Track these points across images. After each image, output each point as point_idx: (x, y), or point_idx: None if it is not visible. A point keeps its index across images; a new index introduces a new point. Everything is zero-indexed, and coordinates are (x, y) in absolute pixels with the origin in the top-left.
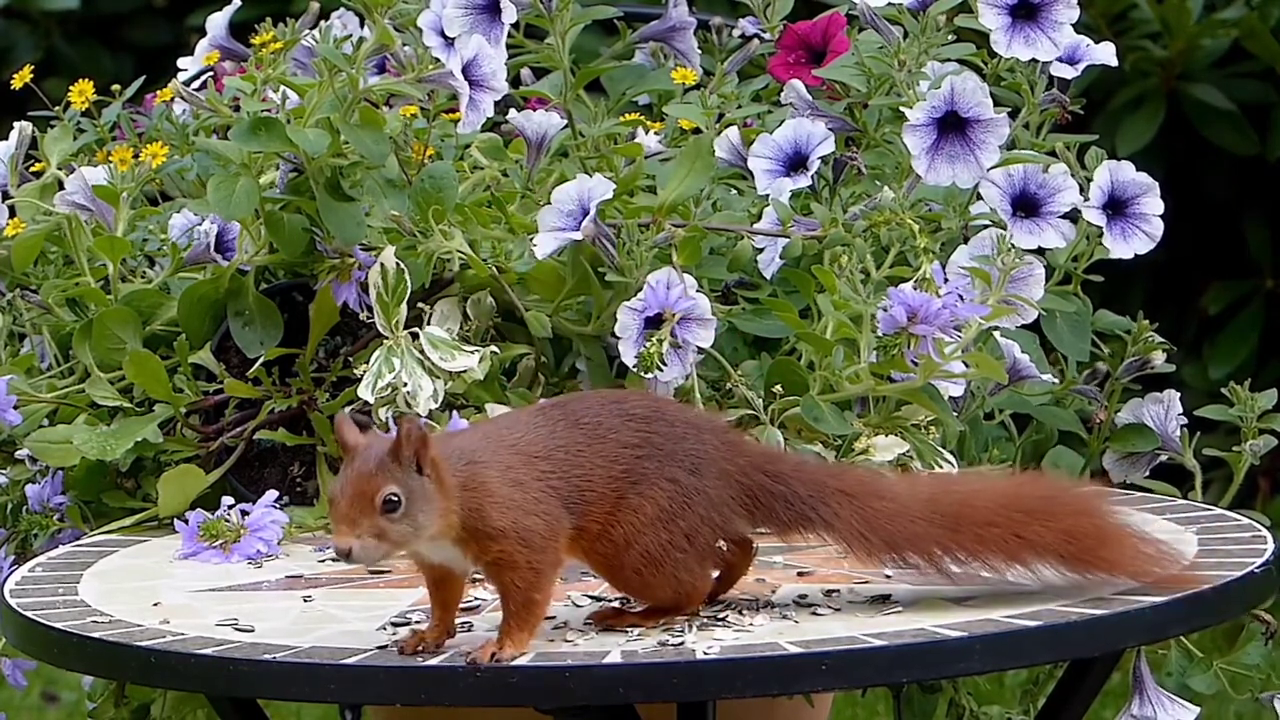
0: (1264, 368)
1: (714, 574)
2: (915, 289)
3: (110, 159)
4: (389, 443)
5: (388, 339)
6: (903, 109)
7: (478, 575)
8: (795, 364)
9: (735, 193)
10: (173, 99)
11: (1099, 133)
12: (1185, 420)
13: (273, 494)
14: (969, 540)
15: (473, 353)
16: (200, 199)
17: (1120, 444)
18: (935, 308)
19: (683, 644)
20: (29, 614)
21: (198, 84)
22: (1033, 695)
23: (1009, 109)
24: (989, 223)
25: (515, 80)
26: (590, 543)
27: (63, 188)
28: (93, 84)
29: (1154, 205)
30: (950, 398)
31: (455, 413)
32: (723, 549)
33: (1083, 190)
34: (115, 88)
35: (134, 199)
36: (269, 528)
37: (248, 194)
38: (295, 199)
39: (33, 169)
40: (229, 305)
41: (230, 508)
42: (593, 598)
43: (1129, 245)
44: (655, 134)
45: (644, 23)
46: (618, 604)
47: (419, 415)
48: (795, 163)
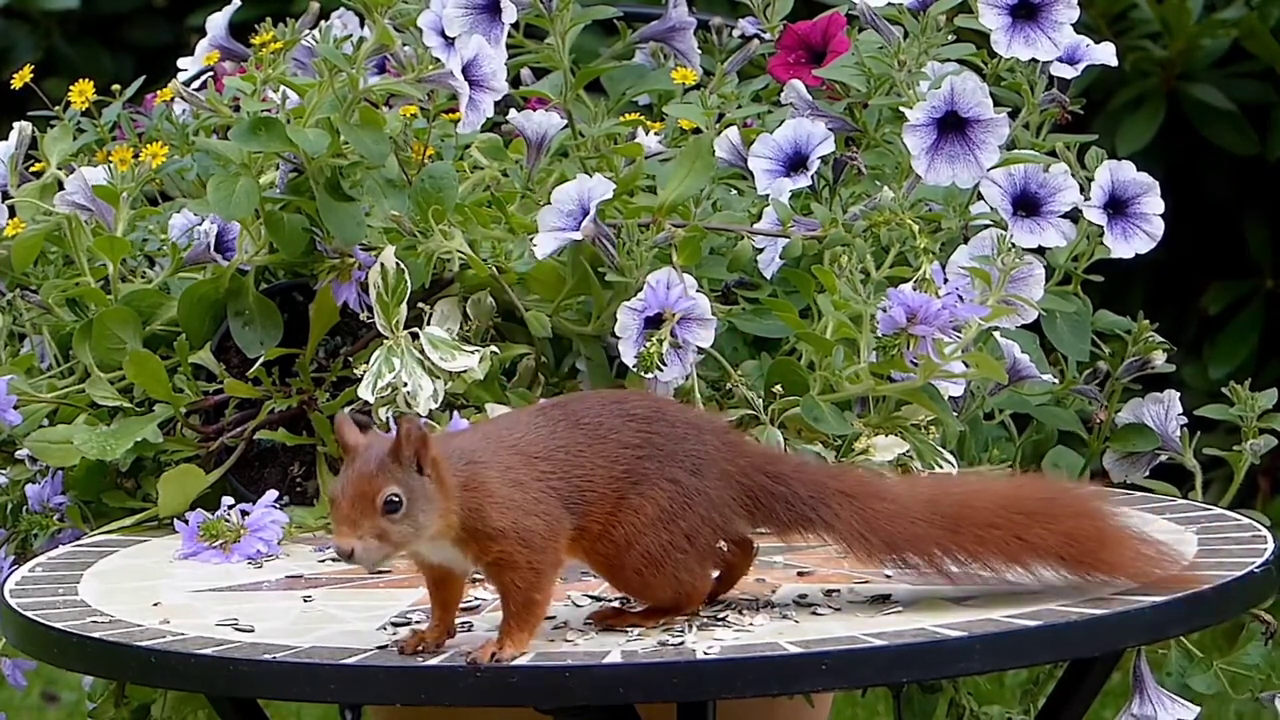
0: (1264, 368)
1: (714, 574)
2: (915, 289)
3: (110, 159)
4: (389, 443)
5: (388, 339)
6: (903, 109)
7: (478, 575)
8: (795, 364)
9: (735, 193)
10: (173, 99)
11: (1099, 133)
12: (1185, 420)
13: (273, 494)
14: (969, 541)
15: (473, 353)
16: (200, 199)
17: (1120, 444)
18: (935, 308)
19: (683, 644)
20: (29, 614)
21: (198, 84)
22: (1033, 695)
23: (1009, 109)
24: (989, 223)
25: (515, 80)
26: (591, 543)
27: (63, 188)
28: (93, 84)
29: (1154, 205)
30: (950, 398)
31: (455, 413)
32: (723, 549)
33: (1083, 190)
34: (115, 88)
35: (134, 199)
36: (269, 528)
37: (248, 194)
38: (295, 199)
39: (33, 169)
40: (229, 305)
41: (230, 508)
42: (593, 598)
43: (1129, 245)
44: (655, 134)
45: (644, 23)
46: (618, 604)
47: (419, 415)
48: (795, 163)
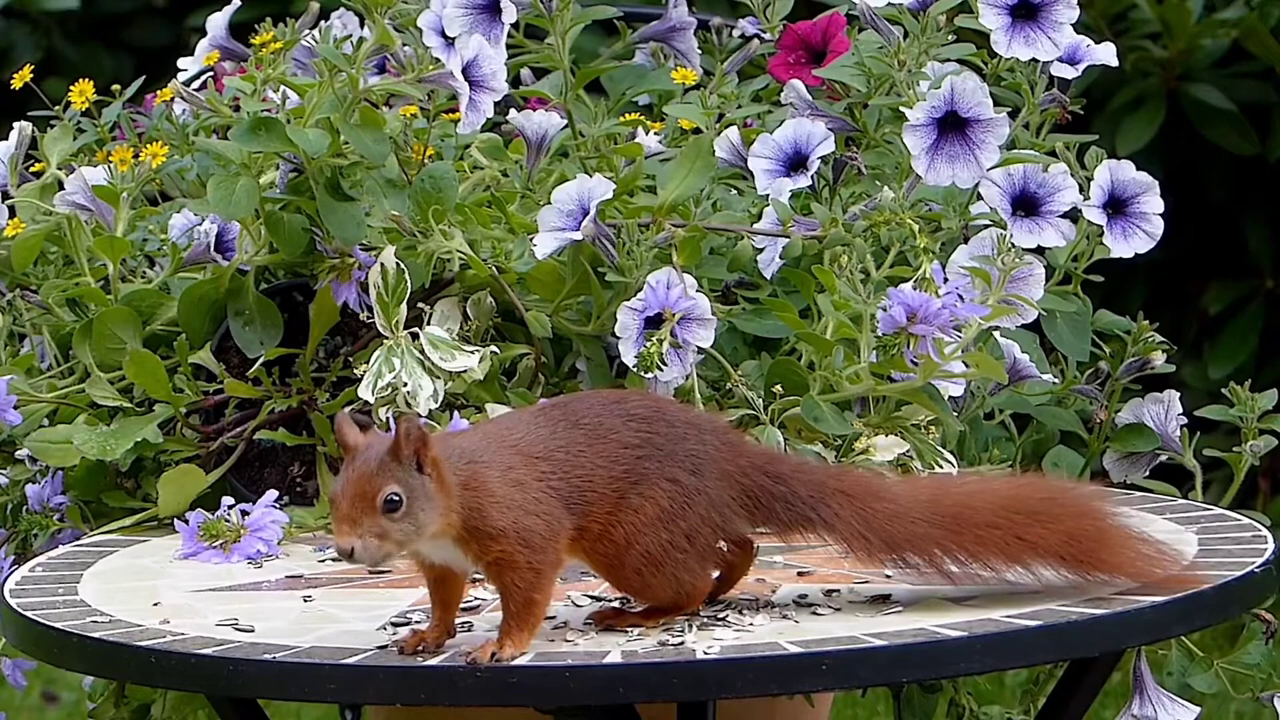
0: (1264, 368)
1: (714, 574)
2: (915, 289)
3: (110, 159)
4: (389, 442)
5: (388, 339)
6: (903, 109)
7: (478, 575)
8: (795, 364)
9: (735, 193)
10: (173, 99)
11: (1099, 133)
12: (1185, 420)
13: (273, 494)
14: (970, 542)
15: (473, 353)
16: (200, 199)
17: (1120, 444)
18: (935, 308)
19: (683, 644)
20: (29, 614)
21: (198, 84)
22: (1033, 695)
23: (1009, 109)
24: (989, 223)
25: (515, 80)
26: (591, 543)
27: (63, 188)
28: (93, 84)
29: (1154, 204)
30: (950, 398)
31: (455, 413)
32: (723, 549)
33: (1083, 189)
34: (115, 88)
35: (134, 199)
36: (269, 528)
37: (248, 194)
38: (295, 199)
39: (33, 169)
40: (229, 305)
41: (230, 508)
42: (593, 598)
43: (1129, 244)
44: (655, 134)
45: (644, 23)
46: (618, 604)
47: (419, 415)
48: (795, 163)
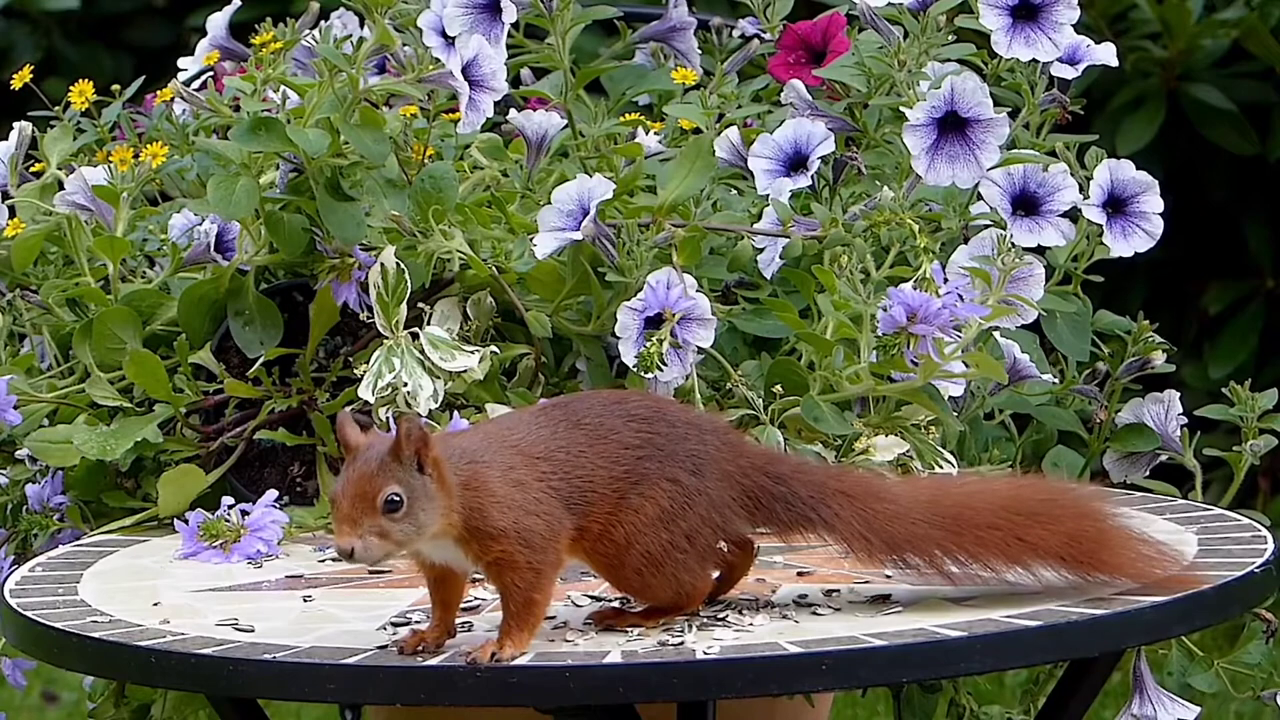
0: (1264, 368)
1: (714, 574)
2: (915, 289)
3: (110, 159)
4: (390, 442)
5: (388, 339)
6: (903, 109)
7: (478, 575)
8: (795, 364)
9: (735, 193)
10: (173, 99)
11: (1099, 133)
12: (1185, 420)
13: (273, 494)
14: (970, 542)
15: (473, 353)
16: (200, 199)
17: (1120, 444)
18: (935, 308)
19: (683, 644)
20: (29, 614)
21: (198, 84)
22: (1033, 695)
23: (1009, 109)
24: (989, 223)
25: (515, 80)
26: (591, 543)
27: (63, 188)
28: (93, 84)
29: (1154, 203)
30: (950, 398)
31: (455, 413)
32: (723, 549)
33: (1083, 189)
34: (115, 88)
35: (134, 199)
36: (269, 528)
37: (248, 194)
38: (295, 199)
39: (33, 169)
40: (229, 305)
41: (230, 508)
42: (593, 598)
43: (1129, 244)
44: (655, 134)
45: (644, 23)
46: (618, 604)
47: (419, 415)
48: (795, 163)
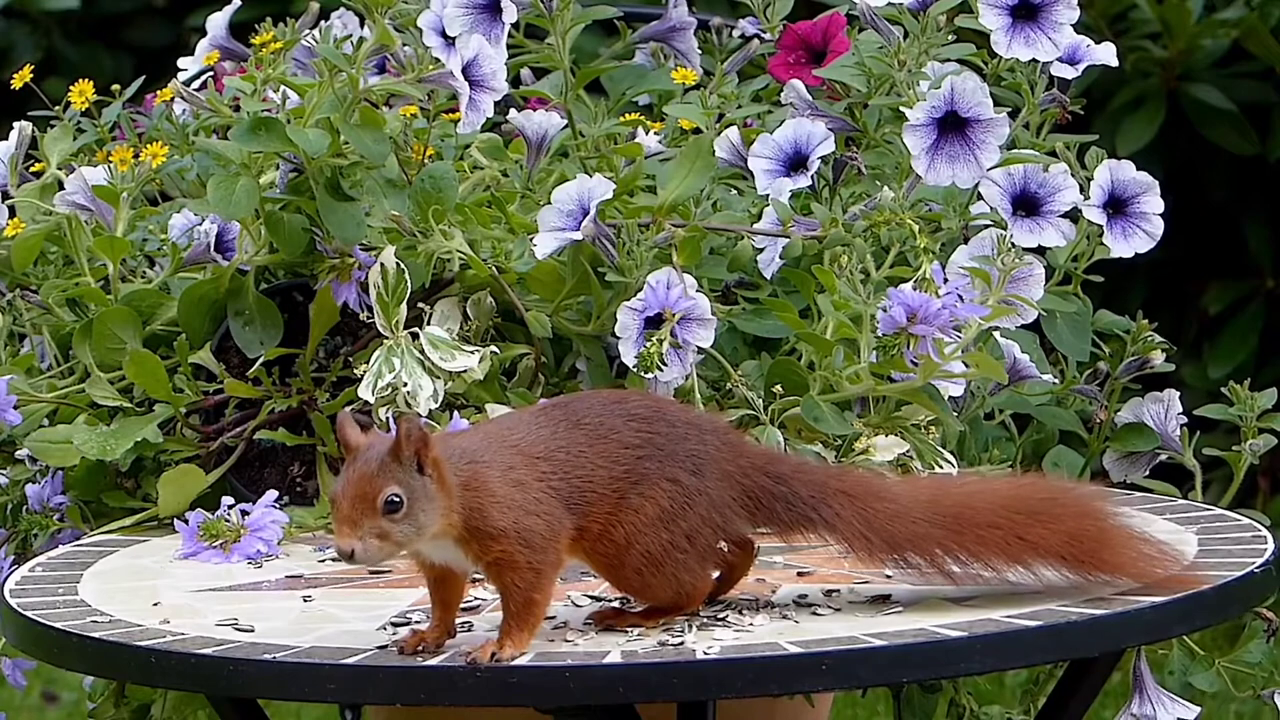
0: (1264, 368)
1: (714, 574)
2: (915, 289)
3: (110, 159)
4: (390, 443)
5: (388, 339)
6: (903, 109)
7: (478, 575)
8: (795, 364)
9: (735, 193)
10: (173, 99)
11: (1099, 133)
12: (1185, 420)
13: (273, 494)
14: (971, 542)
15: (473, 353)
16: (200, 199)
17: (1120, 444)
18: (935, 308)
19: (683, 644)
20: (29, 614)
21: (198, 84)
22: (1033, 695)
23: (1009, 109)
24: (989, 223)
25: (515, 80)
26: (591, 543)
27: (63, 188)
28: (93, 84)
29: (1154, 204)
30: (950, 398)
31: (455, 413)
32: (723, 549)
33: (1083, 189)
34: (115, 88)
35: (134, 199)
36: (269, 528)
37: (248, 194)
38: (295, 199)
39: (33, 169)
40: (229, 305)
41: (230, 508)
42: (593, 598)
43: (1129, 244)
44: (655, 134)
45: (644, 23)
46: (618, 604)
47: (419, 415)
48: (795, 163)
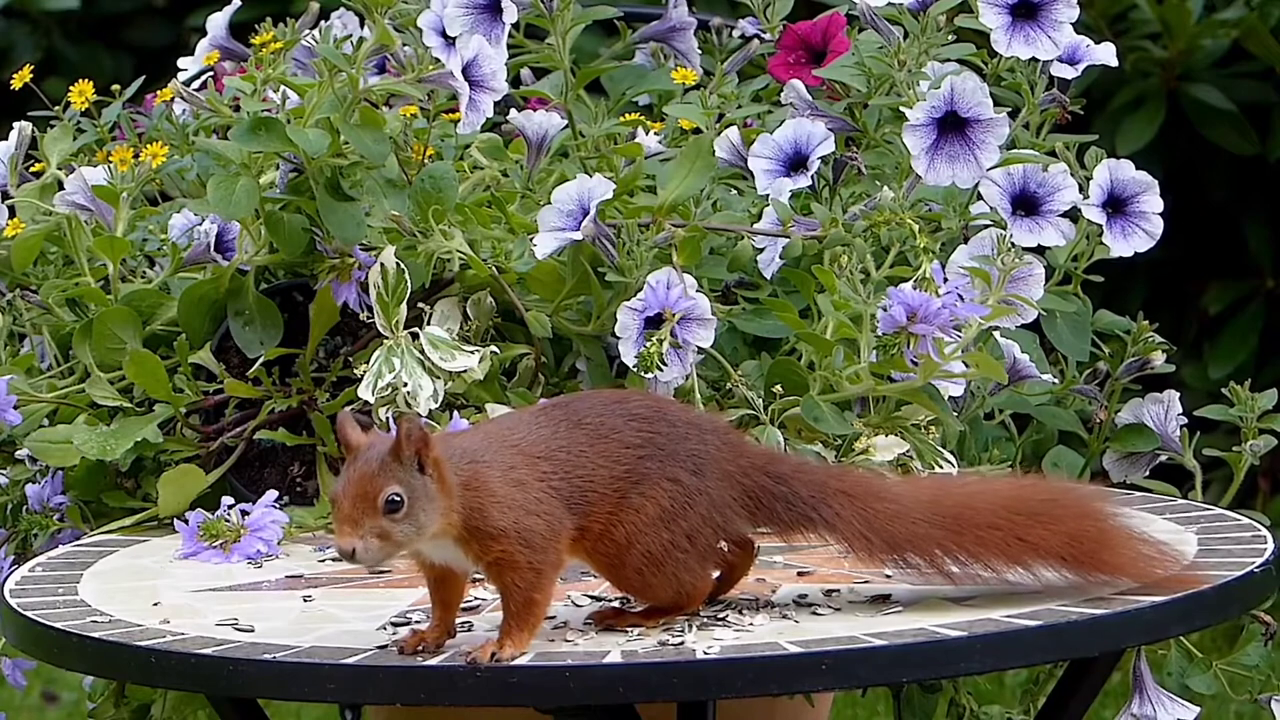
0: (1264, 368)
1: (715, 574)
2: (915, 289)
3: (110, 159)
4: (391, 442)
5: (388, 339)
6: (903, 109)
7: (478, 575)
8: (795, 364)
9: (735, 193)
10: (173, 99)
11: (1099, 133)
12: (1185, 420)
13: (273, 494)
14: (971, 542)
15: (473, 353)
16: (200, 199)
17: (1120, 444)
18: (935, 308)
19: (683, 644)
20: (29, 614)
21: (198, 84)
22: (1033, 695)
23: (1009, 109)
24: (989, 223)
25: (515, 80)
26: (592, 543)
27: (63, 188)
28: (93, 84)
29: (1154, 203)
30: (950, 398)
31: (455, 413)
32: (724, 549)
33: (1082, 189)
34: (115, 88)
35: (134, 199)
36: (269, 528)
37: (248, 194)
38: (295, 199)
39: (33, 169)
40: (229, 305)
41: (230, 508)
42: (593, 598)
43: (1129, 243)
44: (655, 134)
45: (644, 23)
46: (618, 604)
47: (419, 415)
48: (795, 163)
